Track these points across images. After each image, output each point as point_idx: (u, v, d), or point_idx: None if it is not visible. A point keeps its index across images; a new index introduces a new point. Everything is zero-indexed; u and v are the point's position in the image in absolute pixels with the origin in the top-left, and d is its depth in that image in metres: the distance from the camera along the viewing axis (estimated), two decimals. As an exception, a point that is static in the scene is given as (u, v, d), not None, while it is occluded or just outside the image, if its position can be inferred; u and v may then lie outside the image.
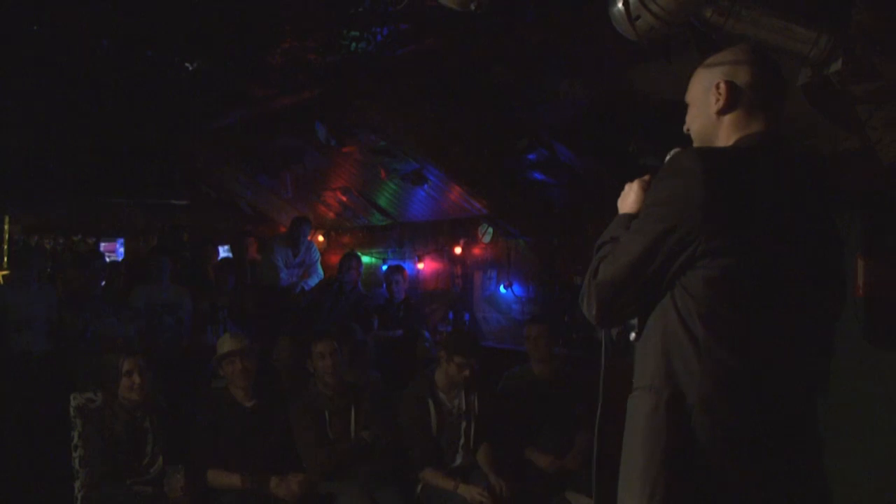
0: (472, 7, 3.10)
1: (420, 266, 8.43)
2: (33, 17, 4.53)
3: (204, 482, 4.43)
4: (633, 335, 2.20)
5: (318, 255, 8.80)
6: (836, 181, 2.16)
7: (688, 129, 2.32)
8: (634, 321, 2.18)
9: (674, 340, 2.02)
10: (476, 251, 7.79)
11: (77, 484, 4.33)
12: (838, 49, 3.03)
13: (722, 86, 2.18)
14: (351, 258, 7.92)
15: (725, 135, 2.19)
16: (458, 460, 4.83)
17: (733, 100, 2.18)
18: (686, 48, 3.36)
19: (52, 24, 4.65)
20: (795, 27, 3.00)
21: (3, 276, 8.64)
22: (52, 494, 4.71)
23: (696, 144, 2.27)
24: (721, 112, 2.19)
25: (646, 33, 3.03)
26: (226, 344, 4.75)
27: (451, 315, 7.77)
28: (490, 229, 7.39)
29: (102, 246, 10.65)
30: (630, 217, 2.21)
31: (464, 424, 4.86)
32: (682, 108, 2.33)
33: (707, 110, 2.22)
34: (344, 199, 8.75)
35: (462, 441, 4.85)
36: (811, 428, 2.11)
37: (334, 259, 8.74)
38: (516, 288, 7.30)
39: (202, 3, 4.32)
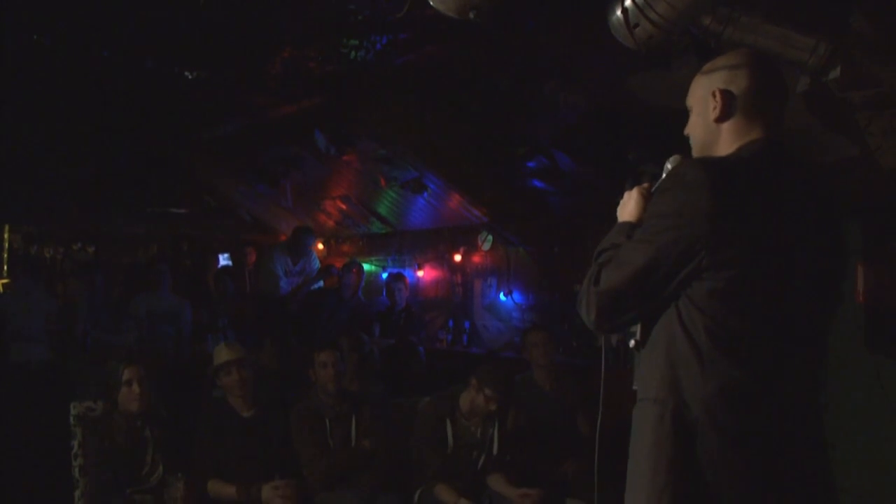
0: (471, 16, 3.11)
1: (420, 274, 8.43)
2: (34, 27, 4.54)
3: (204, 492, 4.42)
4: (632, 342, 2.19)
5: (318, 264, 8.80)
6: (836, 188, 2.16)
7: (688, 134, 2.30)
8: (635, 328, 2.17)
9: (677, 352, 2.01)
10: (476, 259, 7.79)
11: (77, 493, 4.32)
12: (837, 56, 3.03)
13: (718, 94, 2.16)
14: (352, 264, 7.92)
15: (726, 142, 2.17)
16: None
17: (730, 108, 2.16)
18: (685, 56, 3.37)
19: (53, 34, 4.66)
20: (794, 35, 3.00)
21: (3, 285, 8.65)
22: (52, 503, 4.70)
23: (696, 151, 2.25)
24: (719, 120, 2.17)
25: (645, 41, 3.04)
26: (222, 354, 4.74)
27: (451, 323, 7.77)
28: (490, 237, 7.39)
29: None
30: (631, 226, 2.19)
31: (474, 454, 4.79)
32: (682, 116, 2.32)
33: (706, 118, 2.20)
34: (344, 207, 8.75)
35: (471, 468, 4.80)
36: (817, 434, 2.11)
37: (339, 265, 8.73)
38: (516, 296, 7.30)
39: (202, 12, 4.32)
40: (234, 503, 4.40)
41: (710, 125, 2.20)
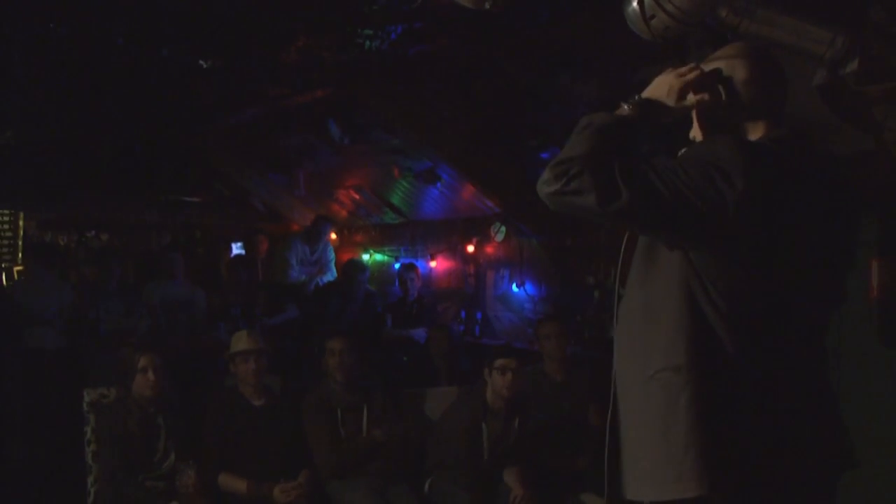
0: (487, 6, 3.11)
1: (432, 264, 8.43)
2: (49, 15, 4.55)
3: (215, 480, 4.44)
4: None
5: (333, 255, 8.82)
6: (857, 181, 2.16)
7: (693, 137, 2.27)
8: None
9: (700, 315, 2.01)
10: (489, 250, 7.79)
11: (90, 478, 4.35)
12: (854, 49, 3.01)
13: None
14: (355, 272, 7.74)
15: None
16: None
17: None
18: (701, 48, 3.36)
19: (68, 22, 4.67)
20: (811, 27, 2.99)
21: (18, 272, 8.69)
22: (65, 489, 4.74)
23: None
24: None
25: (660, 33, 3.03)
26: (241, 342, 4.75)
27: (463, 314, 7.77)
28: (503, 228, 7.38)
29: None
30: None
31: (498, 448, 4.77)
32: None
33: None
34: (357, 197, 8.77)
35: (491, 460, 4.79)
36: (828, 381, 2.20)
37: (346, 257, 8.75)
38: (529, 287, 7.30)
39: (217, 1, 4.33)
40: (245, 499, 4.42)
41: None
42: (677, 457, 2.00)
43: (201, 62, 5.25)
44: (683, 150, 2.10)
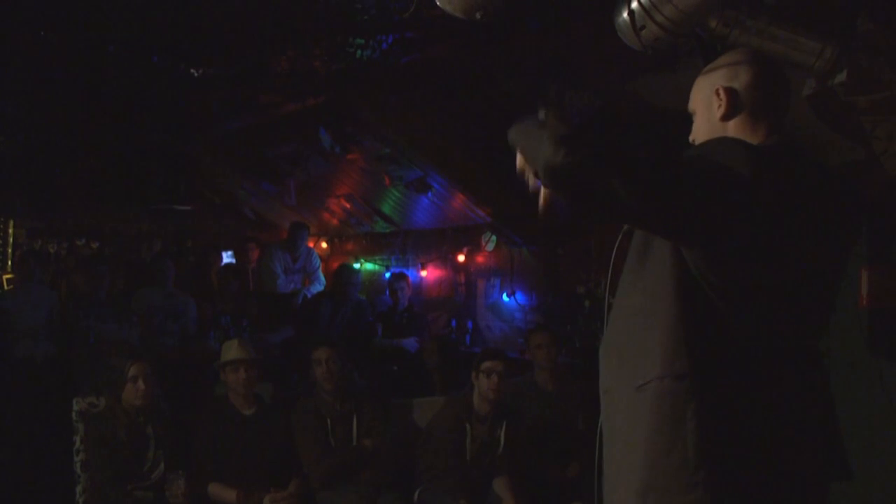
0: (478, 16, 3.12)
1: (423, 273, 8.42)
2: (39, 22, 4.55)
3: (204, 490, 4.43)
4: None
5: (319, 263, 8.78)
6: (853, 192, 2.17)
7: (694, 140, 2.26)
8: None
9: (700, 322, 1.98)
10: (479, 259, 7.79)
11: (79, 488, 4.32)
12: (843, 60, 3.03)
13: (721, 91, 2.14)
14: (348, 276, 7.72)
15: None
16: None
17: (735, 104, 2.13)
18: (691, 58, 3.37)
19: (58, 29, 4.67)
20: (801, 38, 3.00)
21: (7, 280, 8.66)
22: (53, 498, 4.71)
23: None
24: (724, 118, 2.14)
25: (651, 43, 3.04)
26: (232, 351, 4.74)
27: (453, 323, 7.76)
28: (493, 237, 7.39)
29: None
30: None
31: (486, 458, 4.75)
32: (688, 118, 2.31)
33: (710, 118, 2.17)
34: (348, 206, 8.76)
35: (480, 470, 4.77)
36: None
37: (337, 266, 8.73)
38: (519, 296, 7.30)
39: (208, 8, 4.33)
40: None
41: (715, 125, 2.16)
42: (686, 468, 1.93)
43: (192, 71, 5.25)
44: (686, 152, 2.10)
